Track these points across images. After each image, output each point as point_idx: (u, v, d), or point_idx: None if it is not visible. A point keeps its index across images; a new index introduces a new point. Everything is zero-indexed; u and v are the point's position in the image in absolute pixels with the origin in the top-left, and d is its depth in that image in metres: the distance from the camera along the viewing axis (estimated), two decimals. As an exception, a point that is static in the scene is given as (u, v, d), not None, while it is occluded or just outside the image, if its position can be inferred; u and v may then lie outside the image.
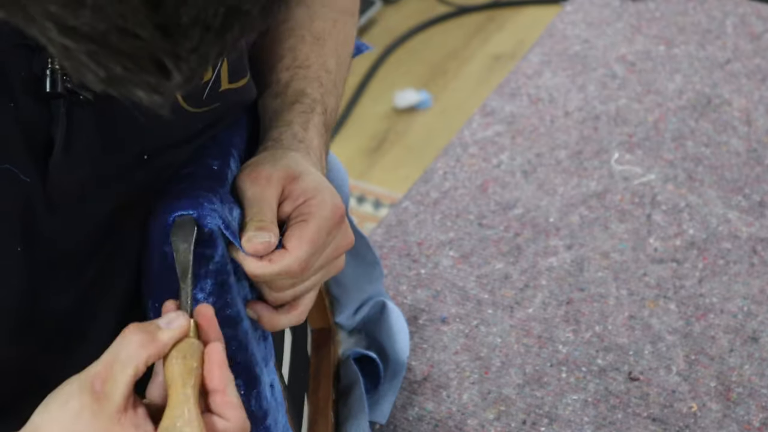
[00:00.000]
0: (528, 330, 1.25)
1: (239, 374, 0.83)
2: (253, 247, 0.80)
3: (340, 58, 0.98)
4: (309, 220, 0.82)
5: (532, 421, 1.16)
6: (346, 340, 1.19)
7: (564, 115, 1.54)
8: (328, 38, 0.98)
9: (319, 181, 0.84)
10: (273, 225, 0.82)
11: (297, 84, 0.93)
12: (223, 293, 0.81)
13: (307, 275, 0.83)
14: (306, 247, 0.81)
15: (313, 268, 0.83)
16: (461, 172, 1.45)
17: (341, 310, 1.18)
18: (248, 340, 0.84)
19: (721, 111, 1.54)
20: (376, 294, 1.19)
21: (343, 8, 1.00)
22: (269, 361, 0.88)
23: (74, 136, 0.75)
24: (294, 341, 1.06)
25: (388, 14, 3.24)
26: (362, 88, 2.96)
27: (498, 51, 3.10)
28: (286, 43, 0.96)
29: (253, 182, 0.83)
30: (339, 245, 0.84)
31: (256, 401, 0.85)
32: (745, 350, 1.22)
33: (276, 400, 0.88)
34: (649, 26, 1.70)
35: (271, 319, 0.85)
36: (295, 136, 0.89)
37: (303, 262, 0.81)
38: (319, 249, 0.82)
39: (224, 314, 0.81)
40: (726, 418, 1.15)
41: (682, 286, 1.30)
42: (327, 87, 0.95)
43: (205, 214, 0.78)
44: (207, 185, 0.81)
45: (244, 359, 0.84)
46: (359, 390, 1.12)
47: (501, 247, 1.35)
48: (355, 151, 2.82)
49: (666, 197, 1.41)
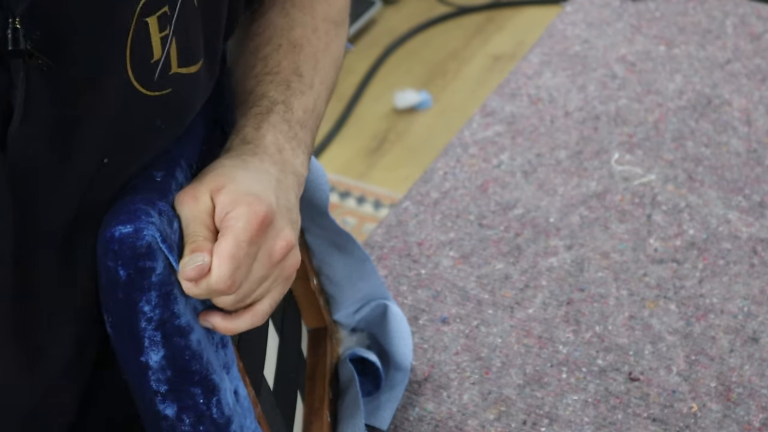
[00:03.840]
0: (528, 330, 1.25)
1: (197, 383, 0.84)
2: (185, 274, 0.81)
3: (319, 63, 0.98)
4: (226, 234, 0.82)
5: (533, 422, 1.16)
6: (347, 339, 1.19)
7: (564, 115, 1.54)
8: (306, 45, 0.98)
9: (239, 190, 0.84)
10: (207, 242, 0.82)
11: (260, 89, 0.94)
12: (169, 304, 0.81)
13: (247, 288, 0.83)
14: (226, 264, 0.81)
15: (250, 280, 0.83)
16: (461, 173, 1.45)
17: (338, 307, 1.18)
18: (202, 349, 0.84)
19: (721, 111, 1.54)
20: (377, 294, 1.18)
21: (325, 17, 1.01)
22: (231, 368, 0.89)
23: (32, 105, 0.75)
24: (282, 343, 1.06)
25: (388, 14, 3.24)
26: (362, 88, 2.96)
27: (498, 51, 3.10)
28: (260, 53, 0.97)
29: (182, 203, 0.84)
30: (271, 250, 0.84)
31: (217, 408, 0.86)
32: (745, 350, 1.22)
33: (242, 406, 0.89)
34: (649, 26, 1.70)
35: (225, 325, 0.85)
36: (243, 139, 0.90)
37: (227, 280, 0.81)
38: (244, 261, 0.82)
39: (173, 325, 0.82)
40: (726, 419, 1.15)
41: (683, 286, 1.30)
42: (296, 89, 0.95)
43: (142, 227, 0.79)
44: (147, 198, 0.82)
45: (200, 368, 0.84)
46: (354, 389, 1.11)
47: (501, 248, 1.35)
48: (355, 151, 2.82)
49: (666, 197, 1.41)
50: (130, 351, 0.82)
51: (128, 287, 0.80)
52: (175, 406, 0.84)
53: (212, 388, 0.85)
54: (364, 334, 1.19)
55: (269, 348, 1.02)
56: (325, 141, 2.81)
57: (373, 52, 3.09)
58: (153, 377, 0.83)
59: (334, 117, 2.86)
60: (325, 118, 2.85)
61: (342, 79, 2.93)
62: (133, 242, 0.79)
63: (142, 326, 0.81)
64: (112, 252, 0.79)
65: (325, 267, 1.15)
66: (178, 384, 0.84)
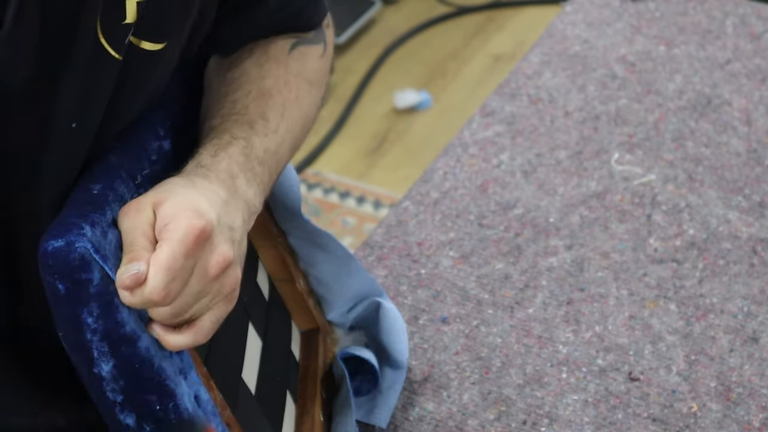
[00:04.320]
0: (528, 330, 1.25)
1: (151, 390, 0.85)
2: (121, 282, 0.81)
3: (287, 112, 1.00)
4: (163, 245, 0.82)
5: (533, 422, 1.16)
6: (344, 338, 1.19)
7: (564, 115, 1.54)
8: (276, 94, 1.00)
9: (181, 203, 0.85)
10: (145, 251, 0.83)
11: (223, 126, 0.95)
12: (111, 314, 0.82)
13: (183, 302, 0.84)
14: (160, 275, 0.81)
15: (186, 293, 0.83)
16: (461, 173, 1.45)
17: (330, 308, 1.18)
18: (152, 356, 0.85)
19: (721, 111, 1.54)
20: (369, 292, 1.19)
21: (298, 73, 1.03)
22: (189, 373, 0.89)
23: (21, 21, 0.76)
24: (267, 346, 1.06)
25: (388, 14, 3.24)
26: (362, 88, 2.96)
27: (498, 51, 3.10)
28: (230, 96, 0.99)
29: (124, 213, 0.85)
30: (207, 265, 0.84)
31: (175, 414, 0.86)
32: (745, 350, 1.22)
33: (205, 410, 0.89)
34: (649, 26, 1.70)
35: (167, 340, 0.86)
36: (198, 164, 0.91)
37: (161, 290, 0.81)
38: (179, 273, 0.82)
39: (118, 334, 0.82)
40: (726, 419, 1.16)
41: (682, 286, 1.30)
42: (259, 130, 0.96)
43: (73, 240, 0.80)
44: (80, 211, 0.83)
45: (152, 375, 0.85)
46: (345, 388, 1.12)
47: (501, 248, 1.35)
48: (355, 151, 2.82)
49: (666, 197, 1.41)
50: (82, 363, 0.83)
51: (69, 300, 0.81)
52: (134, 415, 0.85)
53: (168, 394, 0.86)
54: (361, 333, 1.19)
55: (249, 352, 1.03)
56: (325, 141, 2.81)
57: (373, 52, 3.09)
58: (108, 388, 0.84)
59: (334, 117, 2.86)
60: (325, 118, 2.85)
61: (342, 79, 2.93)
62: (66, 255, 0.80)
63: (88, 338, 0.82)
64: (48, 267, 0.80)
65: (312, 268, 1.16)
66: (132, 392, 0.84)
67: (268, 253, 1.14)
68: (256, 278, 1.11)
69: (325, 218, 2.64)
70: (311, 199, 2.69)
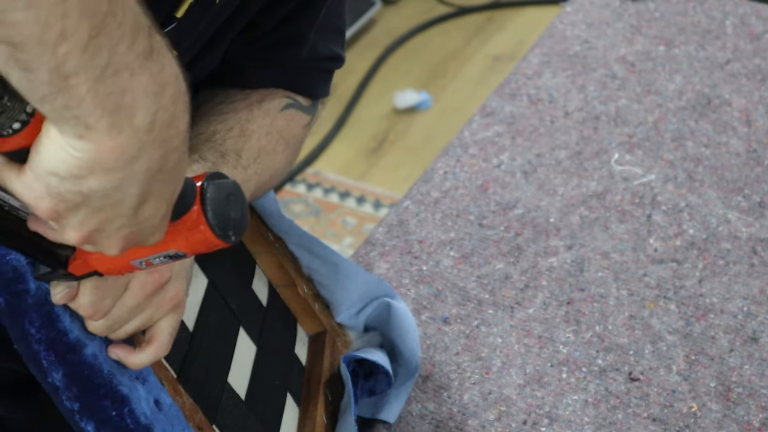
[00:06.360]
0: (528, 330, 1.26)
1: (104, 396, 0.85)
2: (54, 299, 0.82)
3: (260, 158, 1.01)
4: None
5: (533, 422, 1.16)
6: (358, 339, 1.20)
7: (564, 115, 1.54)
8: (255, 140, 1.02)
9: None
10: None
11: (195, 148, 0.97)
12: (53, 322, 0.83)
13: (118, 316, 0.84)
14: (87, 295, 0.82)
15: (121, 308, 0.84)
16: (461, 173, 1.46)
17: (337, 310, 1.19)
18: (101, 362, 0.85)
19: (721, 111, 1.54)
20: (378, 292, 1.19)
21: (281, 131, 1.05)
22: (147, 378, 0.89)
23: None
24: (261, 351, 1.07)
25: (388, 14, 3.24)
26: (362, 88, 2.97)
27: (498, 51, 3.10)
28: (213, 126, 1.01)
29: None
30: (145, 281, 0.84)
31: (132, 419, 0.87)
32: (745, 350, 1.22)
33: (167, 414, 0.90)
34: (649, 26, 1.70)
35: (129, 361, 0.87)
36: None
37: (89, 308, 0.82)
38: (109, 292, 0.82)
39: (62, 342, 0.83)
40: (726, 418, 1.16)
41: (682, 286, 1.30)
42: (230, 161, 0.98)
43: (4, 253, 0.80)
44: None
45: (102, 380, 0.85)
46: (348, 389, 1.13)
47: (501, 248, 1.35)
48: (355, 151, 2.82)
49: (666, 197, 1.41)
50: (38, 374, 0.84)
51: (10, 312, 0.81)
52: (92, 422, 0.86)
53: (121, 399, 0.86)
54: (376, 333, 1.20)
55: (239, 357, 1.04)
56: (325, 141, 2.81)
57: (373, 52, 3.09)
58: (64, 396, 0.84)
59: (334, 117, 2.86)
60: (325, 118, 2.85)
61: (342, 79, 2.93)
62: (0, 268, 0.80)
63: (35, 348, 0.82)
64: None
65: (313, 273, 1.18)
66: (87, 399, 0.85)
67: (266, 258, 1.15)
68: (251, 285, 1.12)
69: (325, 218, 2.64)
70: (311, 198, 2.69)
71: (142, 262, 0.76)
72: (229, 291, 1.06)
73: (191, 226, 0.73)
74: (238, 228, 0.75)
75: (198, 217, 0.73)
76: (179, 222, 0.73)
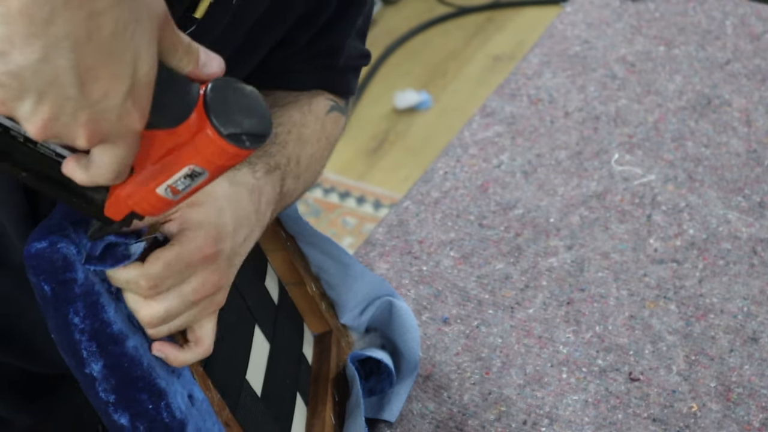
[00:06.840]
0: (528, 330, 1.26)
1: (142, 389, 0.86)
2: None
3: (311, 165, 1.04)
4: (174, 245, 0.84)
5: (533, 422, 1.16)
6: (360, 340, 1.20)
7: (564, 115, 1.55)
8: (309, 147, 1.04)
9: (208, 217, 0.86)
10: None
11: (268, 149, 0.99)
12: (97, 313, 0.83)
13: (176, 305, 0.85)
14: (158, 266, 0.83)
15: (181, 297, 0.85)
16: (461, 173, 1.46)
17: (342, 311, 1.19)
18: (141, 355, 0.86)
19: (721, 111, 1.54)
20: (379, 292, 1.19)
21: (328, 136, 1.09)
22: (183, 372, 0.90)
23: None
24: (275, 349, 1.07)
25: (388, 15, 3.24)
26: (362, 88, 2.97)
27: (498, 52, 3.10)
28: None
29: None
30: (206, 281, 0.86)
31: (168, 413, 0.87)
32: (745, 350, 1.22)
33: (199, 409, 0.90)
34: (649, 26, 1.70)
35: (175, 357, 0.87)
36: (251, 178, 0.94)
37: (151, 279, 0.83)
38: (175, 275, 0.84)
39: (106, 334, 0.83)
40: (726, 419, 1.16)
41: (682, 286, 1.30)
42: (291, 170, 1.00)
43: (55, 241, 0.80)
44: (66, 212, 0.83)
45: (142, 373, 0.86)
46: (356, 389, 1.13)
47: (501, 248, 1.35)
48: (355, 151, 2.82)
49: (666, 198, 1.41)
50: (74, 364, 0.84)
51: (55, 301, 0.81)
52: (127, 415, 0.86)
53: (159, 393, 0.87)
54: (376, 334, 1.20)
55: (255, 355, 1.04)
56: (325, 141, 2.81)
57: (373, 52, 3.08)
58: (100, 388, 0.85)
59: (334, 117, 2.86)
60: (325, 119, 2.85)
61: (342, 80, 2.93)
62: (50, 256, 0.80)
63: (76, 338, 0.82)
64: (32, 268, 0.81)
65: (322, 272, 1.18)
66: (124, 392, 0.85)
67: (277, 256, 1.15)
68: (263, 282, 1.12)
69: (325, 218, 2.65)
70: (311, 199, 2.69)
71: (167, 189, 0.72)
72: (245, 288, 1.06)
73: (197, 131, 0.69)
74: (252, 130, 0.69)
75: (201, 119, 0.68)
76: (184, 128, 0.69)
